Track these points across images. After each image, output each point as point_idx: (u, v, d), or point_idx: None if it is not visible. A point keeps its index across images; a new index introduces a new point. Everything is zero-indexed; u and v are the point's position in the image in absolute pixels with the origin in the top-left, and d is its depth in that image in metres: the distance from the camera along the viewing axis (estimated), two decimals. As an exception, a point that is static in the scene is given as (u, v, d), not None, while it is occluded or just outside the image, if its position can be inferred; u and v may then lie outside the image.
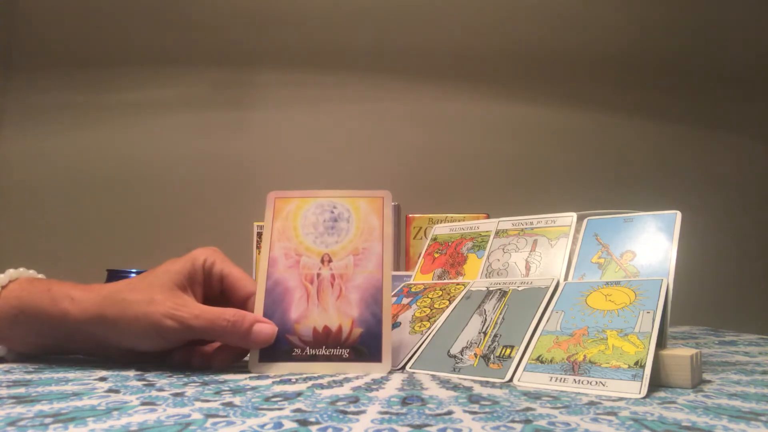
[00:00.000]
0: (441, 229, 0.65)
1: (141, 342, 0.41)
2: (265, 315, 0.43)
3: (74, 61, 1.07)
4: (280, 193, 0.48)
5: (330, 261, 0.45)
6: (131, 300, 0.40)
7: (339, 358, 0.41)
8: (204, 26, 1.09)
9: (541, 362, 0.39)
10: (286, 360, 0.42)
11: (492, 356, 0.41)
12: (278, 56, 1.10)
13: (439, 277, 0.58)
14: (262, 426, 0.27)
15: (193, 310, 0.41)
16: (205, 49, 1.09)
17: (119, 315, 0.40)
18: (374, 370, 0.41)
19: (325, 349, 0.42)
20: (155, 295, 0.41)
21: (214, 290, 0.46)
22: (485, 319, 0.46)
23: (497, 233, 0.58)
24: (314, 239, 0.45)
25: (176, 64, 1.09)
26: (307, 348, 0.42)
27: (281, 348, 0.42)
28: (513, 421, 0.28)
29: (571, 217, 0.54)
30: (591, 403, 0.32)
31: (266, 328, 0.41)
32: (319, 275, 0.44)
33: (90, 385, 0.36)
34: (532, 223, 0.57)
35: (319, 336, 0.42)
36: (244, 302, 0.45)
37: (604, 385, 0.35)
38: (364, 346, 0.41)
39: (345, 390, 0.35)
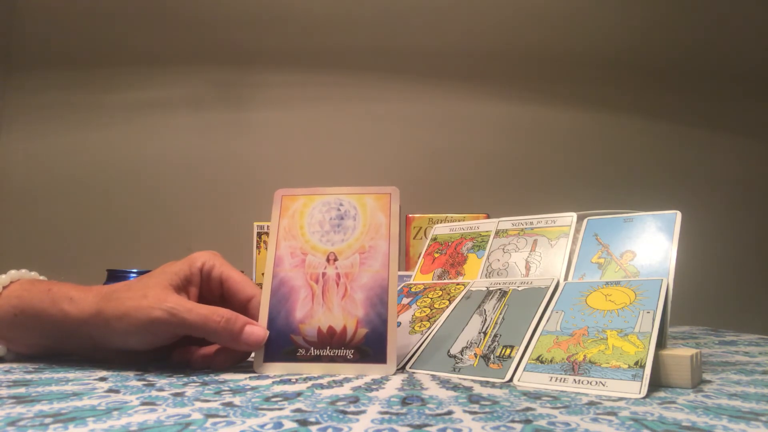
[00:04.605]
0: (441, 229, 0.65)
1: (131, 338, 0.41)
2: (270, 315, 0.43)
3: (74, 61, 1.07)
4: (287, 191, 0.47)
5: (335, 260, 0.44)
6: (125, 297, 0.41)
7: (343, 359, 0.41)
8: (204, 26, 1.09)
9: (541, 362, 0.39)
10: (291, 360, 0.41)
11: (492, 356, 0.41)
12: (278, 56, 1.10)
13: (439, 277, 0.58)
14: (262, 426, 0.27)
15: (186, 304, 0.41)
16: (205, 49, 1.09)
17: (113, 311, 0.40)
18: (378, 371, 0.41)
19: (330, 349, 0.41)
20: (149, 292, 0.41)
21: (214, 293, 0.46)
22: (485, 319, 0.46)
23: (497, 233, 0.58)
24: (320, 237, 0.45)
25: (176, 64, 1.09)
26: (312, 348, 0.42)
27: (286, 348, 0.42)
28: (513, 421, 0.28)
29: (571, 217, 0.54)
30: (591, 403, 0.32)
31: (257, 331, 0.41)
32: (324, 274, 0.44)
33: (90, 385, 0.36)
34: (532, 223, 0.57)
35: (323, 336, 0.42)
36: (244, 305, 0.45)
37: (604, 385, 0.35)
38: (369, 347, 0.41)
39: (345, 390, 0.35)
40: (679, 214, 0.47)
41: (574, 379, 0.36)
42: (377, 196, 0.46)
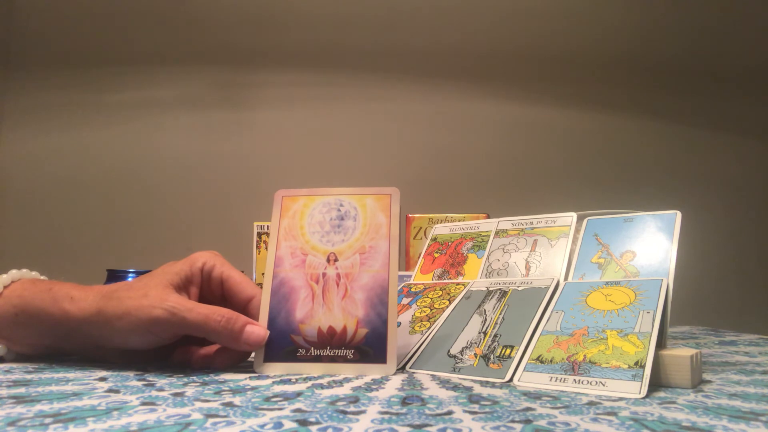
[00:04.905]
0: (441, 229, 0.65)
1: (131, 337, 0.41)
2: (270, 315, 0.43)
3: (74, 61, 1.07)
4: (288, 192, 0.47)
5: (336, 260, 0.44)
6: (126, 296, 0.41)
7: (343, 359, 0.41)
8: (204, 26, 1.09)
9: (541, 362, 0.39)
10: (291, 360, 0.41)
11: (492, 356, 0.41)
12: (278, 56, 1.10)
13: (439, 277, 0.58)
14: (262, 426, 0.27)
15: (187, 304, 0.41)
16: (205, 49, 1.09)
17: (114, 310, 0.40)
18: (378, 372, 0.41)
19: (330, 349, 0.41)
20: (150, 291, 0.41)
21: (214, 293, 0.46)
22: (485, 319, 0.46)
23: (497, 233, 0.58)
24: (320, 238, 0.45)
25: (176, 64, 1.09)
26: (312, 348, 0.42)
27: (286, 348, 0.42)
28: (513, 421, 0.28)
29: (571, 217, 0.54)
30: (591, 403, 0.32)
31: (258, 330, 0.41)
32: (324, 275, 0.44)
33: (90, 385, 0.36)
34: (532, 223, 0.57)
35: (323, 336, 0.42)
36: (245, 306, 0.45)
37: (604, 385, 0.35)
38: (369, 347, 0.41)
39: (345, 390, 0.35)
40: (679, 214, 0.47)
41: (574, 379, 0.36)
42: (378, 196, 0.46)
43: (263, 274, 0.45)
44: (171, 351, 0.45)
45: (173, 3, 1.09)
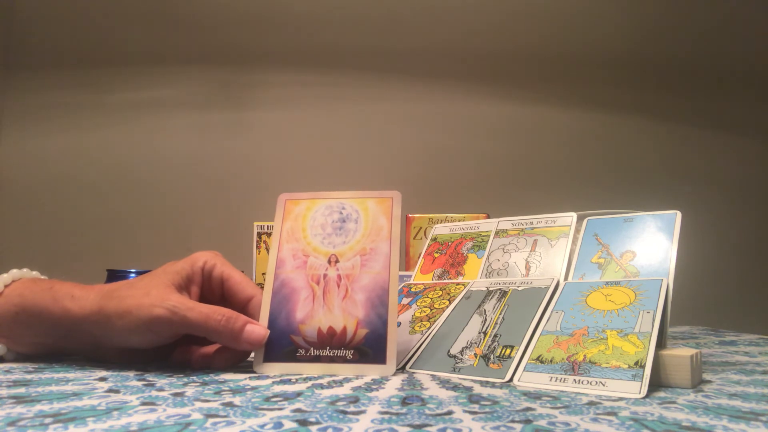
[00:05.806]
0: (441, 229, 0.65)
1: (132, 336, 0.41)
2: (271, 315, 0.43)
3: (74, 61, 1.07)
4: (291, 195, 0.48)
5: (337, 261, 0.45)
6: (127, 295, 0.41)
7: (343, 360, 0.41)
8: (204, 26, 1.09)
9: (541, 362, 0.39)
10: (290, 360, 0.41)
11: (492, 356, 0.41)
12: (278, 56, 1.10)
13: (439, 277, 0.58)
14: (262, 426, 0.27)
15: (188, 303, 0.41)
16: (205, 49, 1.09)
17: (115, 309, 0.40)
18: (378, 372, 0.41)
19: (330, 350, 0.42)
20: (151, 290, 0.41)
21: (214, 293, 0.46)
22: (485, 319, 0.46)
23: (497, 233, 0.58)
24: (322, 240, 0.45)
25: (176, 64, 1.09)
26: (311, 349, 0.42)
27: (285, 348, 0.42)
28: (513, 421, 0.28)
29: (571, 217, 0.54)
30: (591, 403, 0.32)
31: (258, 330, 0.41)
32: (325, 276, 0.44)
33: (90, 385, 0.36)
34: (532, 223, 0.57)
35: (323, 337, 0.42)
36: (244, 305, 0.45)
37: (604, 385, 0.35)
38: (369, 348, 0.41)
39: (345, 390, 0.35)
40: (679, 214, 0.47)
41: (574, 379, 0.36)
42: (379, 199, 0.47)
43: (264, 274, 0.45)
44: (171, 351, 0.45)
45: (174, 3, 1.09)
